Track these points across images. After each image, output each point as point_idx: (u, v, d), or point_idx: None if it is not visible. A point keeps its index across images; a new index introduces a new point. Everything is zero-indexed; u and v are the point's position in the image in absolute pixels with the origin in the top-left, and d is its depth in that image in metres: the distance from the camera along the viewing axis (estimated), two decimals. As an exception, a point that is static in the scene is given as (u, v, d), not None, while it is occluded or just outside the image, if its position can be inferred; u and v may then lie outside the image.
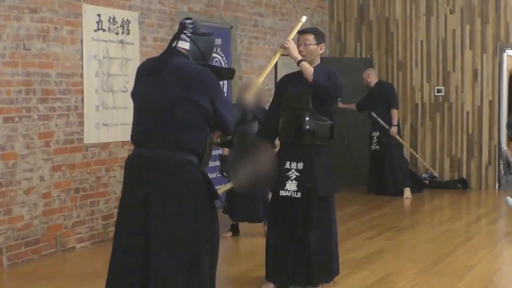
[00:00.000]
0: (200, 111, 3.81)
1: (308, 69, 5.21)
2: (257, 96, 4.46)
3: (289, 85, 5.40)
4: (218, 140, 4.07)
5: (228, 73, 4.36)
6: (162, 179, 3.79)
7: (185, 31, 3.97)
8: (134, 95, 4.04)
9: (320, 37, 5.35)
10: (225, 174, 7.36)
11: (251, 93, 4.39)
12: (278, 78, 10.12)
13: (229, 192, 7.25)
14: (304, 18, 5.31)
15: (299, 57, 5.24)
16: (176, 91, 3.79)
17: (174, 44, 3.96)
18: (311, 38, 5.30)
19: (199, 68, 3.88)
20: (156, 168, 3.79)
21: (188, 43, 3.96)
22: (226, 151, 7.35)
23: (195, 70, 3.86)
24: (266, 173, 5.16)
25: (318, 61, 5.37)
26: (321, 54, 5.39)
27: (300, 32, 5.38)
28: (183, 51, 3.95)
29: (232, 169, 5.47)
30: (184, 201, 3.79)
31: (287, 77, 5.59)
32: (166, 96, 3.80)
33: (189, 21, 4.01)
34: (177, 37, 3.98)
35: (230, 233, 7.52)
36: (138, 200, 3.82)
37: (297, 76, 5.40)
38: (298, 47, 5.31)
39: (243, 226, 7.62)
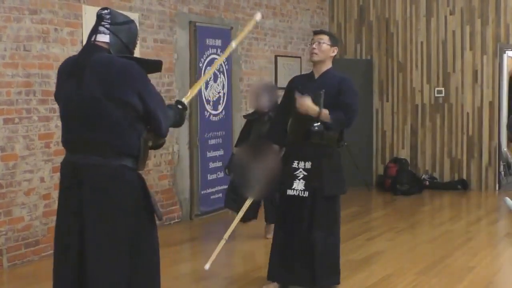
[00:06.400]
0: (129, 109, 3.51)
1: (327, 118, 5.22)
2: (270, 87, 4.25)
3: (299, 86, 5.42)
4: (150, 144, 3.71)
5: (155, 65, 3.85)
6: (94, 189, 3.53)
7: (102, 23, 3.63)
8: (57, 98, 3.75)
9: (334, 40, 5.41)
10: (226, 171, 7.39)
11: (241, 37, 4.17)
12: (279, 78, 10.18)
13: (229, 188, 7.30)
14: (258, 16, 4.62)
15: (316, 109, 5.16)
16: (100, 91, 3.49)
17: (92, 39, 3.64)
18: (325, 38, 5.34)
19: (122, 61, 3.55)
20: (89, 177, 3.54)
21: (108, 35, 3.62)
22: (235, 149, 7.37)
23: (118, 64, 3.52)
24: (271, 177, 5.17)
25: (329, 65, 5.39)
26: (333, 57, 5.40)
27: (316, 32, 5.44)
28: (103, 45, 3.62)
29: (239, 172, 5.51)
30: (120, 210, 3.55)
31: (297, 78, 5.62)
32: (90, 97, 3.50)
33: (105, 11, 3.67)
34: (95, 30, 3.65)
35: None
36: (72, 210, 3.59)
37: (307, 77, 5.43)
38: (311, 44, 5.36)
39: (243, 227, 7.60)
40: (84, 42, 6.86)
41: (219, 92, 8.97)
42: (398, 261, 6.53)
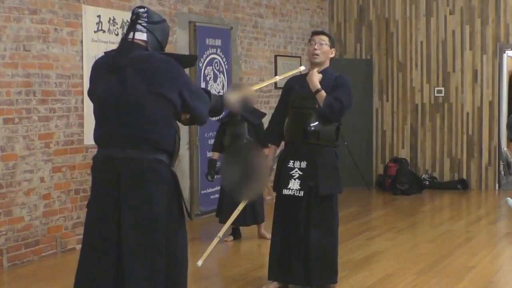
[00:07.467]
0: (168, 105, 3.60)
1: (321, 100, 5.28)
2: (244, 98, 4.31)
3: (296, 86, 5.44)
4: (188, 117, 3.79)
5: (190, 60, 3.99)
6: (132, 182, 3.58)
7: (139, 21, 3.70)
8: (92, 94, 3.77)
9: (332, 42, 5.50)
10: (209, 178, 7.33)
11: (239, 94, 4.23)
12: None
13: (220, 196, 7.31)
14: (302, 68, 5.51)
15: (318, 86, 5.28)
16: (143, 86, 3.56)
17: (131, 37, 3.70)
18: (326, 39, 5.42)
19: (163, 59, 3.64)
20: (126, 170, 3.59)
21: (145, 34, 3.70)
22: (216, 155, 7.34)
23: (159, 61, 3.62)
24: (257, 177, 5.13)
25: (327, 64, 5.46)
26: (331, 58, 5.48)
27: (316, 33, 5.49)
28: (141, 42, 3.69)
29: (225, 175, 5.48)
30: (156, 204, 3.59)
31: (295, 78, 5.64)
32: (132, 93, 3.57)
33: (142, 9, 3.73)
34: (132, 28, 3.70)
35: (231, 237, 7.48)
36: (109, 203, 3.61)
37: (304, 77, 5.45)
38: (313, 45, 5.40)
39: (243, 228, 7.60)
40: (84, 42, 6.93)
41: (219, 92, 8.97)
42: (398, 261, 6.53)
